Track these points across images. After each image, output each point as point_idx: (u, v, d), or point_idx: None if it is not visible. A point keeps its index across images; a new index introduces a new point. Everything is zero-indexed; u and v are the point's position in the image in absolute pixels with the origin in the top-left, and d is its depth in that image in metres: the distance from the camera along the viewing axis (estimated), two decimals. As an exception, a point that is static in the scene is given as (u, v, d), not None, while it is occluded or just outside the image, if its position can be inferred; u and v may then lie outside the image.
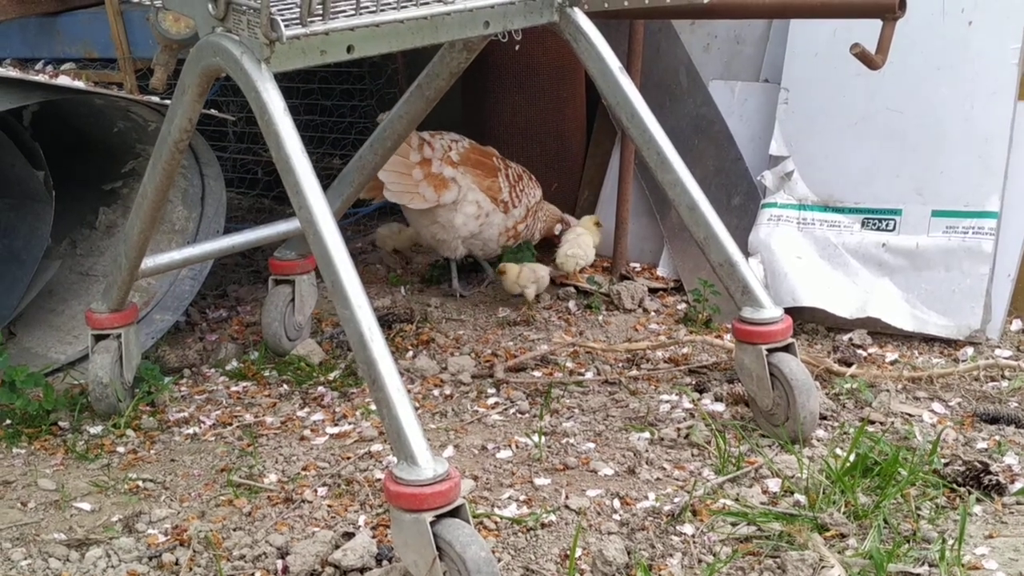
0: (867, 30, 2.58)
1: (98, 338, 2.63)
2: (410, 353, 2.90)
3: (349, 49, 2.04)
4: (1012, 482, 2.15)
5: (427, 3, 2.10)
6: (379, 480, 2.26)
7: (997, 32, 2.85)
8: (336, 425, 2.55)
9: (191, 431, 2.57)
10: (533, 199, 3.29)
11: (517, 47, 2.49)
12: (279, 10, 1.95)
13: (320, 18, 1.95)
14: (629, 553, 1.96)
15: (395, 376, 1.85)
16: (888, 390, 2.54)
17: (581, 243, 3.26)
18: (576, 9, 2.36)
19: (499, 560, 1.97)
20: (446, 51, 2.52)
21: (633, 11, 2.97)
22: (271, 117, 1.94)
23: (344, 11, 2.01)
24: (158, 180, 2.34)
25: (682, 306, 3.14)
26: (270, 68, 1.96)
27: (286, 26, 1.90)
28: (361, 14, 2.01)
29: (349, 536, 2.06)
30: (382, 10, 2.04)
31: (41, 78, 2.85)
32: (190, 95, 2.15)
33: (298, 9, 1.93)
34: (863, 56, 2.48)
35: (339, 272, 1.89)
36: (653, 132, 2.35)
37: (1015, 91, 2.84)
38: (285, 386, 2.77)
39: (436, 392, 2.69)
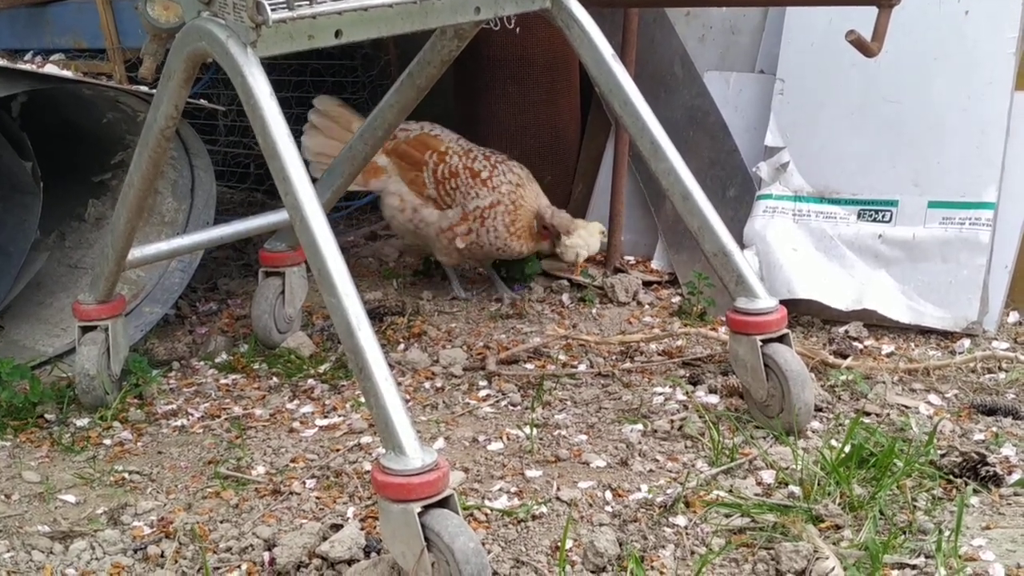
0: (864, 20, 2.56)
1: (85, 330, 2.61)
2: (402, 346, 2.87)
3: (337, 34, 2.01)
4: (1009, 473, 2.12)
5: (416, -13, 2.08)
6: (368, 472, 2.23)
7: (994, 21, 2.82)
8: (326, 417, 2.52)
9: (179, 423, 2.54)
10: (476, 201, 3.02)
11: (508, 34, 2.45)
12: (265, -7, 1.91)
13: (307, 2, 1.92)
14: (621, 544, 1.93)
15: (383, 365, 1.82)
16: (884, 382, 2.51)
17: (583, 235, 3.21)
18: (569, -5, 2.33)
19: (489, 552, 1.94)
20: (437, 38, 2.49)
21: (626, -1, 2.95)
22: (257, 102, 1.91)
23: (332, -5, 1.98)
24: (144, 169, 2.31)
25: (676, 299, 3.11)
26: (256, 52, 1.93)
27: (272, 10, 1.88)
28: (349, -2, 1.98)
29: (337, 528, 2.03)
30: (371, -6, 2.01)
31: (28, 67, 2.82)
32: (176, 81, 2.12)
33: (285, -8, 1.90)
34: (858, 43, 2.46)
35: (326, 260, 1.86)
36: (646, 120, 2.32)
37: (1012, 81, 2.81)
38: (275, 379, 2.74)
39: (427, 385, 2.66)
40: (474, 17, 2.22)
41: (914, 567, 1.83)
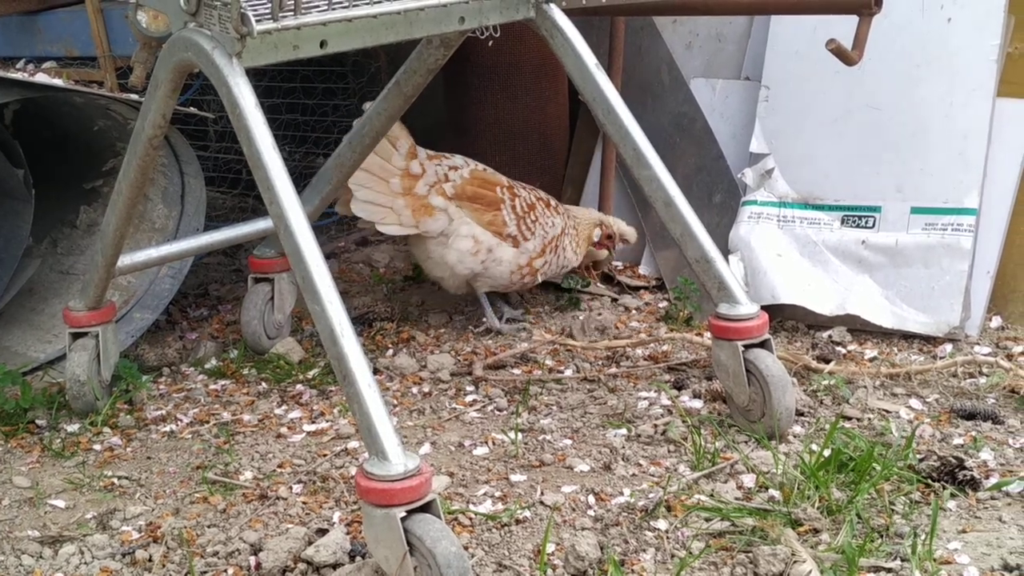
0: (848, 28, 2.58)
1: (76, 336, 2.63)
2: (390, 351, 2.89)
3: (322, 44, 2.04)
4: (987, 477, 2.15)
5: (401, -2, 2.10)
6: (355, 477, 2.25)
7: (976, 29, 2.85)
8: (313, 423, 2.55)
9: (168, 429, 2.56)
10: (553, 230, 2.98)
11: (491, 43, 2.48)
12: (250, 5, 1.94)
13: (291, 13, 1.95)
14: (602, 548, 1.96)
15: (366, 371, 1.85)
16: (866, 386, 2.54)
17: None
18: (553, 5, 2.35)
19: (472, 556, 1.97)
20: (423, 47, 2.51)
21: (611, 8, 2.98)
22: (242, 112, 1.93)
23: (317, 6, 2.00)
24: (133, 177, 2.33)
25: (663, 304, 3.13)
26: (241, 63, 1.95)
27: (257, 21, 1.90)
28: (334, 9, 2.00)
29: (323, 532, 2.05)
30: (355, 5, 2.03)
31: (20, 76, 2.84)
32: (163, 90, 2.15)
33: (270, 4, 1.92)
34: (839, 52, 2.49)
35: (310, 267, 1.88)
36: (629, 128, 2.35)
37: (994, 88, 2.84)
38: (264, 384, 2.77)
39: (415, 390, 2.69)
40: (458, 27, 2.24)
41: (890, 570, 1.86)
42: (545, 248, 2.97)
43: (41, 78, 2.87)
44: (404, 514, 1.78)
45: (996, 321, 2.86)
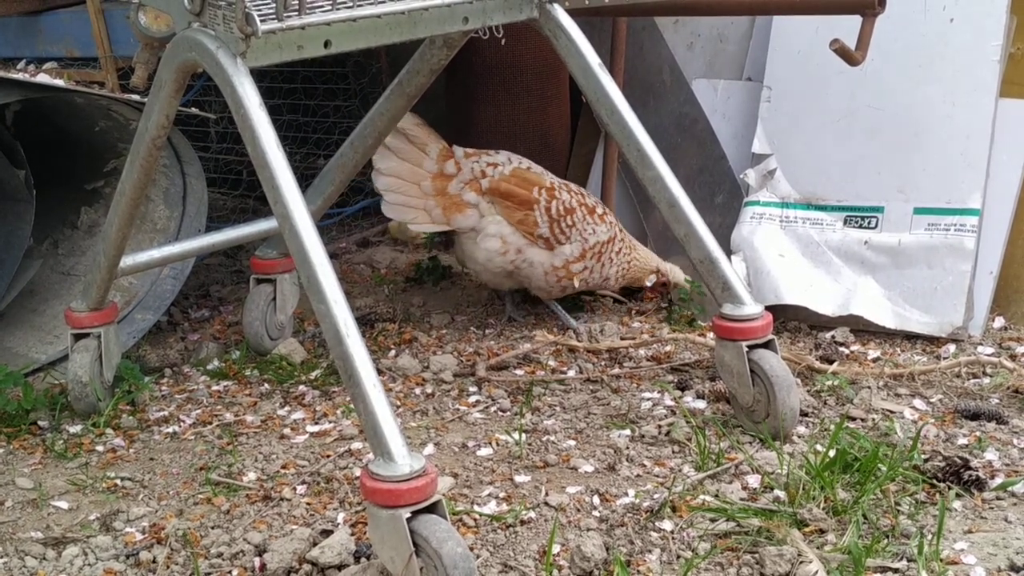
0: (850, 29, 2.58)
1: (78, 337, 2.62)
2: (392, 352, 2.89)
3: (326, 44, 2.03)
4: (992, 478, 2.15)
5: (405, -2, 2.10)
6: (359, 478, 2.24)
7: (979, 29, 2.85)
8: (316, 423, 2.54)
9: (171, 430, 2.55)
10: (596, 236, 2.91)
11: (495, 43, 2.47)
12: (255, 5, 1.93)
13: (296, 13, 1.94)
14: (607, 549, 1.95)
15: (371, 371, 1.84)
16: (869, 387, 2.54)
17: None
18: (556, 6, 2.35)
19: (477, 557, 1.97)
20: (426, 47, 2.51)
21: (614, 8, 2.98)
22: (246, 112, 1.93)
23: (321, 6, 2.00)
24: (136, 177, 2.33)
25: (666, 305, 3.13)
26: (246, 63, 1.95)
27: (262, 21, 1.90)
28: (338, 9, 2.00)
29: (327, 533, 2.05)
30: (359, 5, 2.03)
31: (21, 76, 2.83)
32: (167, 91, 2.14)
33: (274, 4, 1.92)
34: (842, 52, 2.49)
35: (315, 267, 1.88)
36: (633, 128, 2.35)
37: (996, 88, 2.84)
38: (266, 385, 2.76)
39: (418, 391, 2.68)
40: (462, 27, 2.24)
41: (896, 570, 1.86)
42: (585, 253, 2.90)
43: (42, 79, 2.87)
44: (410, 515, 1.78)
45: (999, 321, 2.86)
